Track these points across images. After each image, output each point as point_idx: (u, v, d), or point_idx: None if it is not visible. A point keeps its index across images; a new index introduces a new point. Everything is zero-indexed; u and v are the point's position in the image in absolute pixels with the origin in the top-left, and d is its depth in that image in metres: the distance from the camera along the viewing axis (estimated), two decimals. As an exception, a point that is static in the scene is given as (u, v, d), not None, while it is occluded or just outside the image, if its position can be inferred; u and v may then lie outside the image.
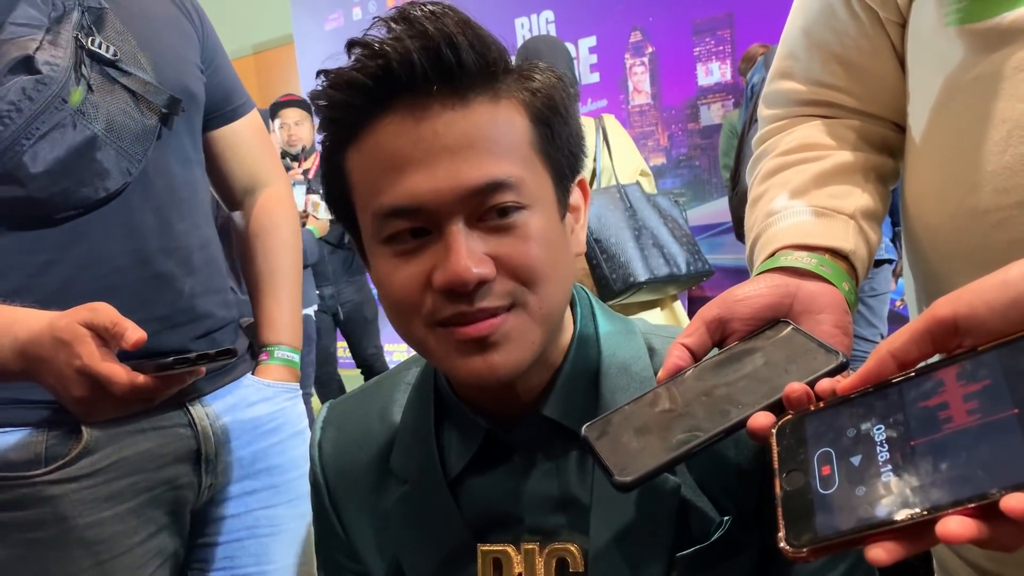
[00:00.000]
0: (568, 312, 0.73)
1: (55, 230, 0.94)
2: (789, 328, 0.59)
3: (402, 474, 0.75)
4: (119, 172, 0.96)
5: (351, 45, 0.62)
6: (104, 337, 0.82)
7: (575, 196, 0.71)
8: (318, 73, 0.64)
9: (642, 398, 0.60)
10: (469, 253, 0.60)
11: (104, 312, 0.82)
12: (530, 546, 0.70)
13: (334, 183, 0.68)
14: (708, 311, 0.62)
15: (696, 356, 0.61)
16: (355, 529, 0.80)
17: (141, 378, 0.82)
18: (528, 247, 0.62)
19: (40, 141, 0.90)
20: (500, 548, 0.71)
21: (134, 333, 0.81)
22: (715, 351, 0.62)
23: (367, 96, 0.62)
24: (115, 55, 0.96)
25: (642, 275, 2.37)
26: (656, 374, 0.69)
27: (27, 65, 0.89)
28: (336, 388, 4.11)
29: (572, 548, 0.69)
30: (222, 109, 1.18)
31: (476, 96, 0.62)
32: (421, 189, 0.61)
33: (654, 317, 2.57)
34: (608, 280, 2.36)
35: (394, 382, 0.82)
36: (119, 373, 0.81)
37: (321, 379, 4.07)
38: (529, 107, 0.65)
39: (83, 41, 0.94)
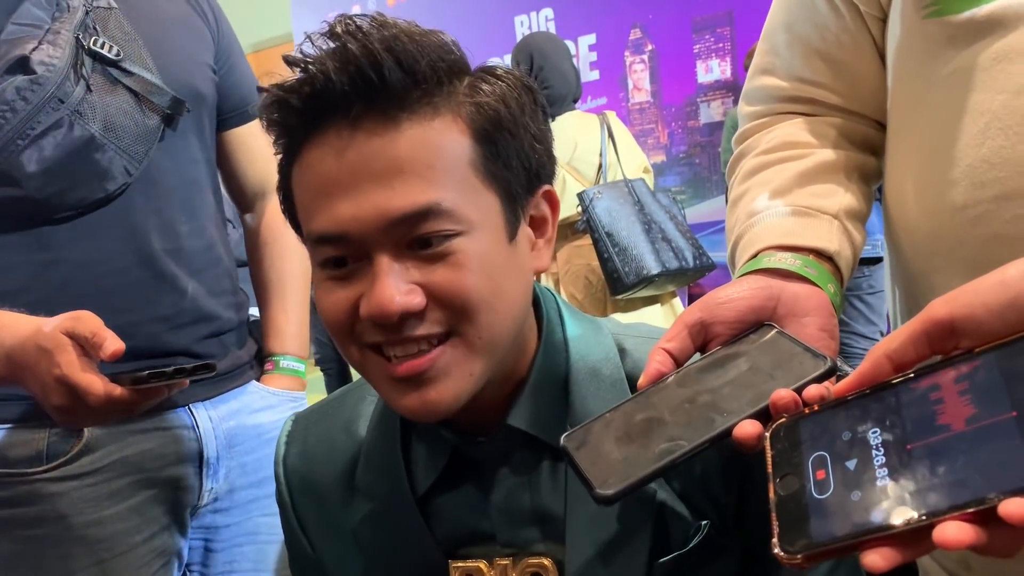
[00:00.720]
0: (532, 319, 0.70)
1: (56, 229, 0.95)
2: (773, 332, 0.58)
3: (369, 491, 0.72)
4: (118, 172, 0.96)
5: (288, 63, 0.60)
6: (85, 347, 0.81)
7: (541, 208, 0.67)
8: (258, 89, 0.63)
9: (623, 405, 0.57)
10: (394, 285, 0.57)
11: (86, 322, 0.81)
12: (503, 561, 0.68)
13: (286, 199, 0.66)
14: (690, 315, 0.60)
15: (678, 361, 0.58)
16: (324, 547, 0.77)
17: (118, 390, 0.81)
18: (462, 276, 0.59)
19: (36, 141, 0.90)
20: (472, 564, 0.69)
21: (112, 344, 0.80)
22: (697, 356, 0.59)
23: (298, 117, 0.60)
24: (118, 55, 0.96)
25: (654, 268, 2.37)
26: (627, 375, 0.68)
27: (22, 65, 0.90)
28: (337, 375, 4.11)
29: (546, 562, 0.67)
30: (237, 109, 1.18)
31: (408, 116, 0.58)
32: (345, 217, 0.58)
33: (654, 313, 2.58)
34: (620, 273, 2.36)
35: (360, 394, 0.79)
36: (95, 384, 0.80)
37: (328, 372, 4.08)
38: (472, 123, 0.61)
39: (84, 41, 0.94)
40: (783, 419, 0.48)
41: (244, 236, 1.28)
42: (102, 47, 0.95)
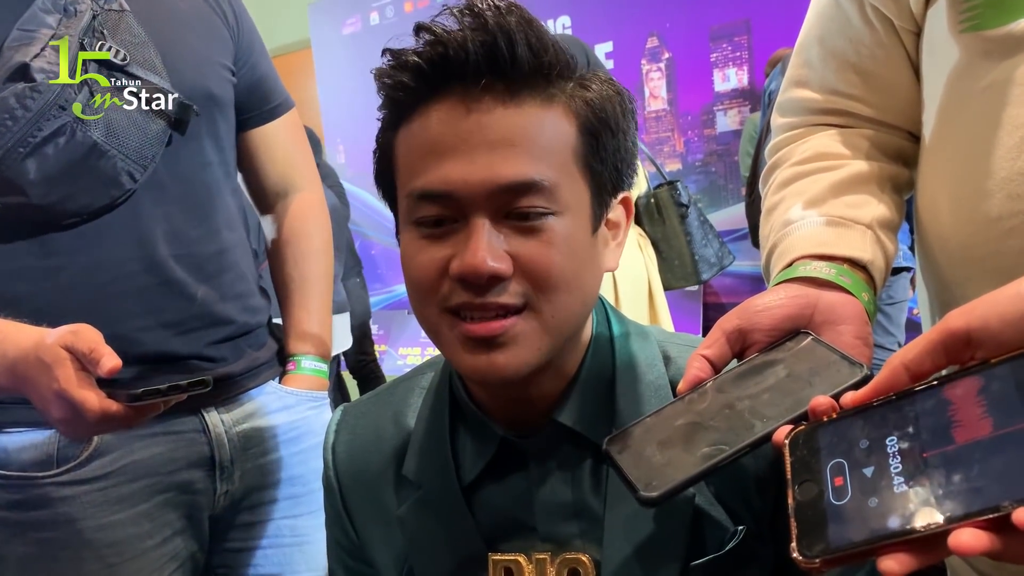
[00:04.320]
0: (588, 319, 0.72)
1: (62, 235, 0.95)
2: (810, 339, 0.59)
3: (416, 479, 0.75)
4: (123, 179, 0.96)
5: (418, 29, 0.63)
6: (83, 361, 0.81)
7: (617, 212, 0.71)
8: (383, 51, 0.66)
9: (663, 410, 0.59)
10: (488, 247, 0.61)
11: (84, 336, 0.81)
12: (542, 555, 0.70)
13: (383, 160, 0.69)
14: (728, 322, 0.61)
15: (716, 367, 0.60)
16: (368, 533, 0.80)
17: (114, 406, 0.81)
18: (550, 252, 0.62)
19: (38, 149, 0.90)
20: (511, 557, 0.71)
21: (109, 360, 0.80)
22: (735, 362, 0.61)
23: (422, 80, 0.63)
24: (124, 59, 0.95)
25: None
26: (671, 382, 0.70)
27: (23, 73, 0.89)
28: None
29: (584, 558, 0.69)
30: (259, 109, 1.18)
31: (528, 96, 0.62)
32: (454, 177, 0.61)
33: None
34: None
35: (409, 386, 0.82)
36: (91, 400, 0.80)
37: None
38: (579, 116, 0.65)
39: (89, 46, 0.93)
40: (802, 427, 0.49)
41: (265, 236, 1.27)
42: (108, 51, 0.94)
